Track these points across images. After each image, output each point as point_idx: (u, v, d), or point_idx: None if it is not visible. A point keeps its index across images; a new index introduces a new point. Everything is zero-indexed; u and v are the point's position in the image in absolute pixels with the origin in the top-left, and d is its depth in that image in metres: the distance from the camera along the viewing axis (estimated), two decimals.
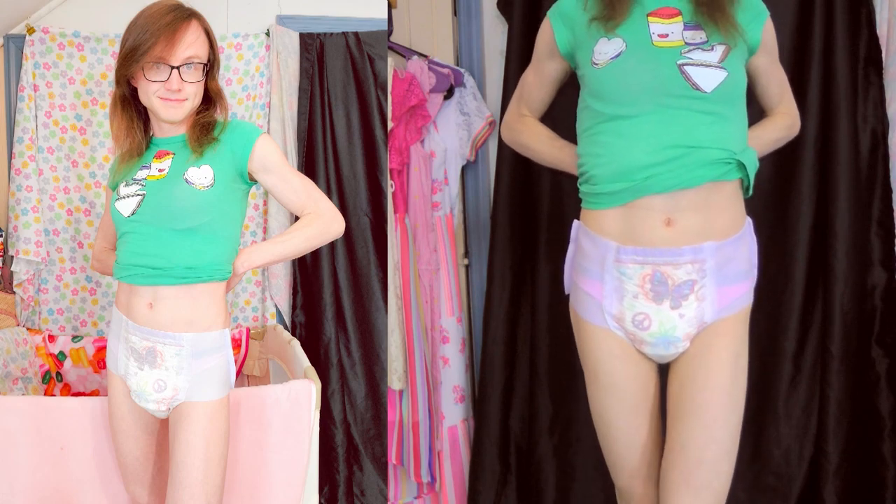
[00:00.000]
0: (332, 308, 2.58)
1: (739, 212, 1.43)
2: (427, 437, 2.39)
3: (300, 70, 2.57)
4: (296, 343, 2.05)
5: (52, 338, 2.38)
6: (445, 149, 2.39)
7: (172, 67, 1.39)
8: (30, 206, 2.42)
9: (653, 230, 1.38)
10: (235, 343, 2.43)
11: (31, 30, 2.42)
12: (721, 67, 1.37)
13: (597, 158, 1.43)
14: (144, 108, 1.49)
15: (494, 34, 2.45)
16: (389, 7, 2.38)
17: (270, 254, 1.51)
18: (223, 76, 2.50)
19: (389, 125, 2.30)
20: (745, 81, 1.43)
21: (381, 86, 2.57)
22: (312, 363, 1.88)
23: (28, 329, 2.38)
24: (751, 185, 1.42)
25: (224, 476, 1.46)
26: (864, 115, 2.05)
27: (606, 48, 1.43)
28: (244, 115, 2.55)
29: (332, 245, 2.56)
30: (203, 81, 1.45)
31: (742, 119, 1.43)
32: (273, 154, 1.49)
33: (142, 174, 1.47)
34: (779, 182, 2.09)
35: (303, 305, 2.61)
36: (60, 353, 2.37)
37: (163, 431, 1.58)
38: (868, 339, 2.05)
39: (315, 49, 2.57)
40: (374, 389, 2.63)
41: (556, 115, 1.73)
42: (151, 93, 1.41)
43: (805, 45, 2.05)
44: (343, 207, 2.58)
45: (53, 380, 2.37)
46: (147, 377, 1.46)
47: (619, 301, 1.42)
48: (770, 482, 2.12)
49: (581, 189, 1.50)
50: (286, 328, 2.56)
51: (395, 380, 2.35)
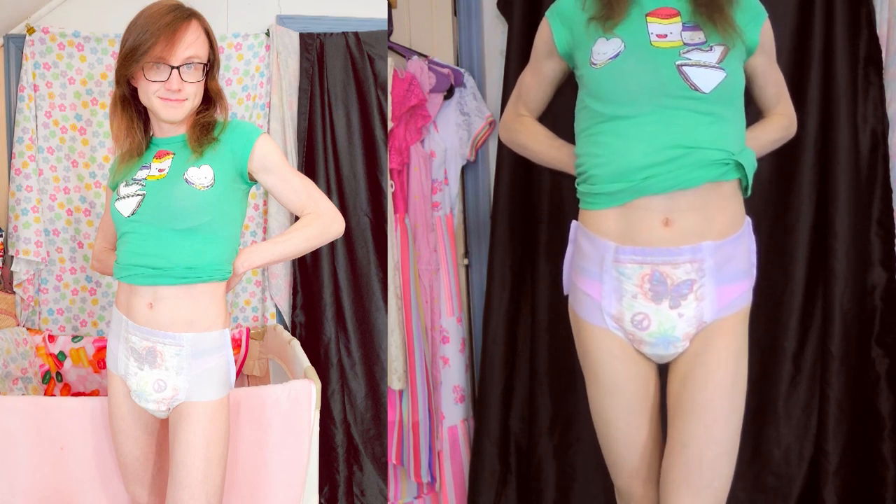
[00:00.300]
0: (332, 308, 2.58)
1: (738, 211, 1.43)
2: (427, 437, 2.39)
3: (300, 70, 2.56)
4: (296, 343, 2.05)
5: (52, 338, 2.38)
6: (445, 149, 2.39)
7: (172, 67, 1.39)
8: (30, 206, 2.42)
9: (651, 230, 1.38)
10: (235, 343, 2.43)
11: (31, 30, 2.42)
12: (719, 68, 1.37)
13: (595, 159, 1.43)
14: (144, 108, 1.49)
15: (494, 34, 2.45)
16: (389, 7, 2.38)
17: (270, 254, 1.51)
18: (223, 76, 2.50)
19: (389, 125, 2.30)
20: (744, 82, 1.43)
21: (381, 86, 2.57)
22: (312, 363, 1.88)
23: (28, 329, 2.38)
24: (749, 186, 1.42)
25: (224, 476, 1.46)
26: (864, 115, 2.05)
27: (605, 48, 1.43)
28: (244, 115, 2.54)
29: (332, 245, 2.56)
30: (203, 81, 1.45)
31: (740, 119, 1.43)
32: (273, 154, 1.49)
33: (142, 174, 1.47)
34: (779, 182, 2.09)
35: (303, 305, 2.61)
36: (60, 353, 2.37)
37: (163, 431, 1.58)
38: (868, 339, 2.05)
39: (315, 49, 2.56)
40: (374, 389, 2.63)
41: (557, 115, 1.73)
42: (151, 93, 1.41)
43: (805, 46, 2.05)
44: (343, 207, 2.58)
45: (53, 380, 2.37)
46: (147, 377, 1.46)
47: (619, 301, 1.42)
48: (770, 482, 2.12)
49: (579, 189, 1.50)
50: (286, 328, 2.56)
51: (395, 380, 2.35)
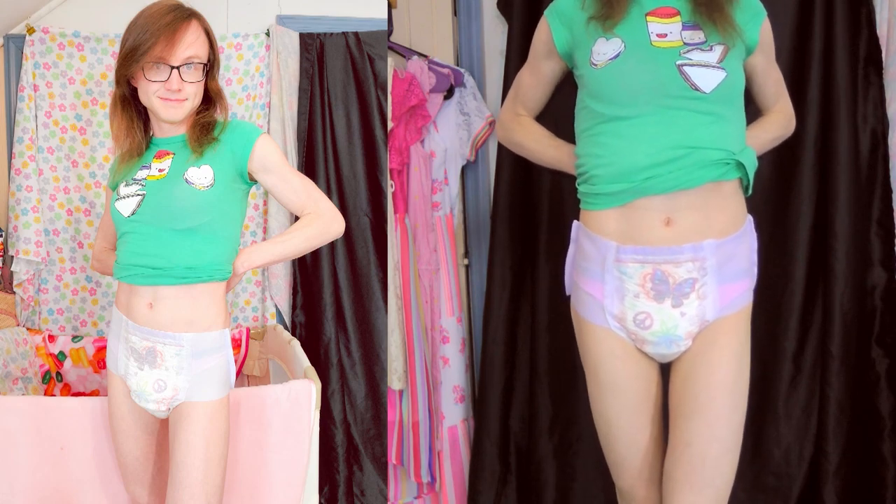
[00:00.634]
0: (332, 308, 2.57)
1: (740, 210, 1.43)
2: (427, 437, 2.39)
3: (300, 70, 2.56)
4: (296, 343, 2.05)
5: (52, 338, 2.38)
6: (445, 149, 2.39)
7: (172, 67, 1.39)
8: (30, 206, 2.42)
9: (652, 230, 1.38)
10: (235, 343, 2.43)
11: (31, 30, 2.42)
12: (720, 68, 1.37)
13: (597, 159, 1.43)
14: (144, 108, 1.49)
15: (494, 34, 2.45)
16: (389, 7, 2.38)
17: (270, 254, 1.51)
18: (223, 76, 2.50)
19: (389, 125, 2.29)
20: (744, 81, 1.43)
21: (381, 86, 2.57)
22: (312, 363, 1.88)
23: (28, 329, 2.38)
24: (750, 185, 1.42)
25: (224, 476, 1.46)
26: (864, 115, 2.05)
27: (605, 48, 1.43)
28: (244, 115, 2.54)
29: (332, 245, 2.56)
30: (203, 81, 1.45)
31: (740, 119, 1.43)
32: (273, 154, 1.49)
33: (142, 174, 1.47)
34: (779, 182, 2.09)
35: (303, 305, 2.60)
36: (60, 353, 2.37)
37: (163, 431, 1.58)
38: (868, 339, 2.05)
39: (315, 49, 2.56)
40: (374, 389, 2.62)
41: (557, 115, 1.73)
42: (151, 93, 1.41)
43: (805, 46, 2.05)
44: (343, 207, 2.58)
45: (53, 380, 2.37)
46: (147, 377, 1.46)
47: (621, 301, 1.42)
48: (770, 482, 2.12)
49: (580, 189, 1.50)
50: (286, 328, 2.56)
51: (395, 380, 2.35)
